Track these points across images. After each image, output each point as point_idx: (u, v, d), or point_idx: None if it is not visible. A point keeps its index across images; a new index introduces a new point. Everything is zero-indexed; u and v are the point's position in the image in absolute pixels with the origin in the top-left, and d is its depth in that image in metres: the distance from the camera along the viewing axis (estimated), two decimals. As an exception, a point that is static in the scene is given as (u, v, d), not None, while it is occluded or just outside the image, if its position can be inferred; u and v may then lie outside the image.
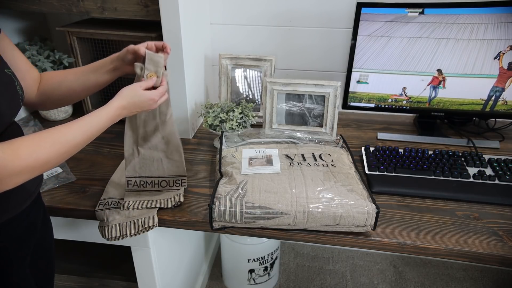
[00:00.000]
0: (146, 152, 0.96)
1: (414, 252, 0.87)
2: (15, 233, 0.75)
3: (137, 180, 0.96)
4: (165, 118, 0.94)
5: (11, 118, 0.70)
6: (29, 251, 0.80)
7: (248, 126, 1.20)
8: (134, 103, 0.80)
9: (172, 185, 0.98)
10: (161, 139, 0.96)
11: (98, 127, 0.74)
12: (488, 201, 0.99)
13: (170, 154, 0.97)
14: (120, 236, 0.90)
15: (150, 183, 0.97)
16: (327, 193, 0.86)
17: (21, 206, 0.75)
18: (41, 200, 0.87)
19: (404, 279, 1.81)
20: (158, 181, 0.98)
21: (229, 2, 1.39)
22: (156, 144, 0.96)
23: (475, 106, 1.25)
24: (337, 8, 1.34)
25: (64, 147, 0.67)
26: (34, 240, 0.82)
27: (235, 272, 1.70)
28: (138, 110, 0.82)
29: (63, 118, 1.42)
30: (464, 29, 1.15)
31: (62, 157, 0.67)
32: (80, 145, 0.71)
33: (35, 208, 0.82)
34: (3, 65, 0.70)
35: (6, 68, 0.70)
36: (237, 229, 0.90)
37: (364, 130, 1.37)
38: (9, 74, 0.70)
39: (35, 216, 0.82)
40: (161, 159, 0.97)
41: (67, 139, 0.67)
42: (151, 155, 0.96)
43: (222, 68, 1.35)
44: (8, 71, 0.70)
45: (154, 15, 1.13)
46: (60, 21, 1.45)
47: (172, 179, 0.98)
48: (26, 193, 0.76)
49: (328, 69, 1.46)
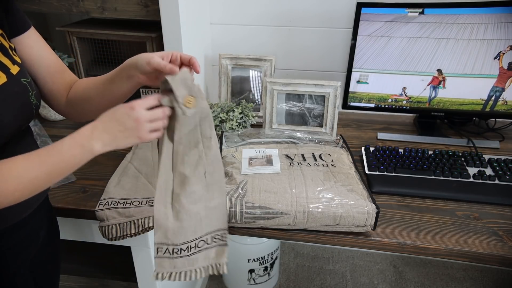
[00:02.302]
0: (183, 208, 0.76)
1: (414, 252, 0.87)
2: (12, 241, 0.73)
3: (170, 248, 0.76)
4: (210, 142, 0.77)
5: (18, 127, 0.68)
6: (28, 257, 0.79)
7: (248, 126, 1.20)
8: (107, 115, 0.64)
9: (210, 242, 0.78)
10: (202, 178, 0.77)
11: (60, 156, 0.60)
12: (488, 201, 0.99)
13: (211, 199, 0.79)
14: (121, 236, 0.90)
15: (185, 249, 0.77)
16: (327, 193, 0.86)
17: (21, 215, 0.73)
18: (46, 209, 0.85)
19: (404, 279, 1.81)
20: (195, 244, 0.77)
21: (229, 2, 1.39)
22: (195, 191, 0.77)
23: (475, 106, 1.25)
24: (337, 8, 1.34)
25: (16, 183, 0.57)
26: (35, 247, 0.80)
27: (235, 272, 1.70)
28: (115, 126, 0.63)
29: (63, 118, 1.42)
30: (464, 29, 1.15)
31: (15, 196, 0.57)
32: (39, 180, 0.59)
33: (37, 218, 0.79)
34: (22, 73, 0.67)
35: (24, 77, 0.67)
36: (237, 229, 0.90)
37: (364, 130, 1.37)
38: (24, 84, 0.67)
39: (37, 225, 0.80)
40: (199, 215, 0.78)
41: (18, 173, 0.57)
42: (189, 211, 0.76)
43: (222, 68, 1.35)
44: (24, 80, 0.67)
45: (154, 15, 1.13)
46: (60, 21, 1.45)
47: (210, 235, 0.79)
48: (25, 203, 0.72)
49: (328, 69, 1.46)
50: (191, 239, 0.77)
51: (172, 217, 0.75)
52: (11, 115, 0.65)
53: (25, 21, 0.74)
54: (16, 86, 0.65)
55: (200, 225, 0.77)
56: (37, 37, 0.75)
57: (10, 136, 0.66)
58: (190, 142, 0.74)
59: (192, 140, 0.74)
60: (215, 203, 0.79)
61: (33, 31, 0.74)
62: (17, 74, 0.66)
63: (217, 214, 0.79)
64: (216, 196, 0.79)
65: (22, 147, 0.71)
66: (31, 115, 0.70)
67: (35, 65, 0.75)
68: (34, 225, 0.78)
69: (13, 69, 0.66)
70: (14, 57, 0.67)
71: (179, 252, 0.76)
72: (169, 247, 0.76)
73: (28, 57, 0.74)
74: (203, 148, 0.76)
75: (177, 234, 0.75)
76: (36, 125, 1.29)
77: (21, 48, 0.73)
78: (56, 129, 1.35)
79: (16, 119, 0.66)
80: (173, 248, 0.76)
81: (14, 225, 0.72)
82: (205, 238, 0.78)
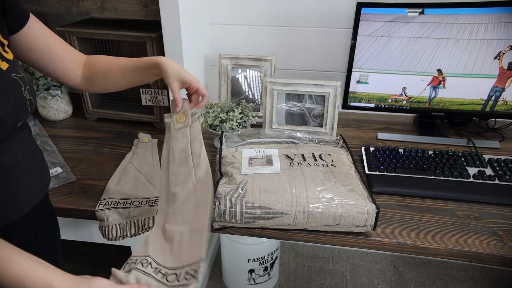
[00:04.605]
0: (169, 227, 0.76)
1: (414, 252, 0.87)
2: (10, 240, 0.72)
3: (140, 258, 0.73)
4: (199, 159, 0.81)
5: (14, 123, 0.68)
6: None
7: (248, 126, 1.20)
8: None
9: (181, 279, 0.70)
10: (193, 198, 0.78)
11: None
12: (488, 201, 0.99)
13: (197, 221, 0.76)
14: (120, 236, 0.90)
15: (153, 268, 0.72)
16: (327, 193, 0.86)
17: (18, 213, 0.73)
18: (45, 209, 0.84)
19: (404, 279, 1.81)
20: (165, 272, 0.72)
21: (229, 2, 1.39)
22: (183, 211, 0.77)
23: (475, 106, 1.25)
24: (337, 8, 1.34)
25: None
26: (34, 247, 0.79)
27: (235, 272, 1.70)
28: None
29: (63, 118, 1.42)
30: (464, 29, 1.15)
31: None
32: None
33: (35, 217, 0.79)
34: (13, 69, 0.68)
35: (15, 72, 0.68)
36: (237, 229, 0.90)
37: (364, 130, 1.37)
38: (15, 79, 0.68)
39: (36, 225, 0.79)
40: (181, 239, 0.74)
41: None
42: (172, 233, 0.75)
43: (222, 68, 1.35)
44: (15, 75, 0.68)
45: (154, 15, 1.13)
46: (60, 21, 1.45)
47: (184, 270, 0.71)
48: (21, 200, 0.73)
49: (328, 69, 1.46)
50: (168, 266, 0.72)
51: (159, 236, 0.77)
52: (6, 111, 0.65)
53: (25, 11, 0.75)
54: (7, 81, 0.66)
55: (179, 253, 0.73)
56: (38, 24, 0.77)
57: (7, 132, 0.67)
58: (181, 160, 0.81)
59: (183, 157, 0.81)
60: (198, 226, 0.76)
61: (32, 19, 0.76)
62: (7, 70, 0.66)
63: (198, 240, 0.74)
64: (201, 218, 0.77)
65: (20, 144, 0.71)
66: (25, 110, 0.70)
67: (44, 51, 0.78)
68: (33, 224, 0.78)
69: (2, 65, 0.66)
70: (3, 54, 0.67)
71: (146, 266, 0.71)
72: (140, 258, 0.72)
73: (35, 45, 0.76)
74: (192, 166, 0.81)
75: (156, 253, 0.74)
76: (36, 125, 1.29)
77: (27, 39, 0.75)
78: (56, 129, 1.35)
79: (10, 115, 0.67)
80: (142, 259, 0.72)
81: (11, 223, 0.72)
82: (178, 272, 0.71)
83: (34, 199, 0.77)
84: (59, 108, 1.40)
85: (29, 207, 0.76)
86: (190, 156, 0.81)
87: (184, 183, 0.80)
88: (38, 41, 0.77)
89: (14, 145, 0.70)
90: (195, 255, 0.72)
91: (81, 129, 1.36)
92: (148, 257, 0.73)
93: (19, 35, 0.74)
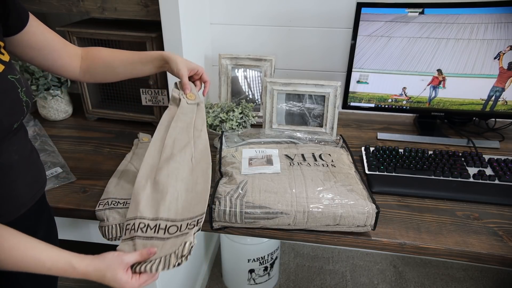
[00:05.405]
0: (161, 180, 0.78)
1: (414, 252, 0.87)
2: None
3: (136, 222, 0.75)
4: (200, 133, 0.88)
5: (11, 125, 0.69)
6: None
7: (248, 126, 1.20)
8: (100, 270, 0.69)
9: (184, 229, 0.73)
10: (188, 162, 0.82)
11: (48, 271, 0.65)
12: (488, 201, 0.99)
13: (194, 184, 0.80)
14: (120, 236, 0.90)
15: (153, 228, 0.74)
16: (327, 193, 0.86)
17: (14, 214, 0.73)
18: (42, 209, 0.84)
19: (404, 279, 1.81)
20: (165, 225, 0.74)
21: (229, 2, 1.39)
22: (178, 168, 0.80)
23: (475, 106, 1.25)
24: (337, 8, 1.34)
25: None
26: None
27: (235, 272, 1.70)
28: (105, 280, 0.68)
29: (63, 118, 1.42)
30: (464, 29, 1.15)
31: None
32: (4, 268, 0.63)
33: (32, 218, 0.79)
34: (9, 70, 0.68)
35: (11, 74, 0.69)
36: (237, 229, 0.90)
37: (364, 130, 1.37)
38: (12, 81, 0.68)
39: (33, 226, 0.79)
40: (176, 193, 0.78)
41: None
42: (167, 185, 0.78)
43: (222, 68, 1.35)
44: (11, 77, 0.68)
45: (154, 15, 1.13)
46: (60, 21, 1.45)
47: (185, 222, 0.75)
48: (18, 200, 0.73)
49: (328, 69, 1.46)
50: (161, 217, 0.75)
51: (150, 188, 0.80)
52: (2, 113, 0.65)
53: (25, 12, 0.76)
54: (3, 83, 0.66)
55: (176, 204, 0.77)
56: (36, 21, 0.79)
57: (3, 133, 0.67)
58: (182, 129, 0.87)
59: (185, 128, 0.88)
60: (197, 189, 0.79)
61: (32, 18, 0.77)
62: (3, 71, 0.67)
63: (197, 199, 0.77)
64: (200, 182, 0.80)
65: (16, 145, 0.72)
66: (22, 112, 0.70)
67: (43, 47, 0.80)
68: (29, 225, 0.78)
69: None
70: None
71: (145, 230, 0.74)
72: (136, 221, 0.75)
73: (35, 43, 0.78)
74: (193, 136, 0.87)
75: (148, 206, 0.77)
76: (36, 125, 1.29)
77: (27, 38, 0.77)
78: (56, 129, 1.35)
79: (7, 117, 0.67)
80: (139, 223, 0.75)
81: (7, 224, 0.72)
82: (179, 224, 0.74)
83: (30, 199, 0.77)
84: (59, 108, 1.40)
85: (26, 208, 0.76)
86: (193, 129, 0.88)
87: (182, 148, 0.85)
88: (37, 38, 0.78)
89: (10, 146, 0.70)
90: (196, 211, 0.76)
91: (81, 129, 1.36)
92: (142, 218, 0.76)
93: (19, 35, 0.75)
